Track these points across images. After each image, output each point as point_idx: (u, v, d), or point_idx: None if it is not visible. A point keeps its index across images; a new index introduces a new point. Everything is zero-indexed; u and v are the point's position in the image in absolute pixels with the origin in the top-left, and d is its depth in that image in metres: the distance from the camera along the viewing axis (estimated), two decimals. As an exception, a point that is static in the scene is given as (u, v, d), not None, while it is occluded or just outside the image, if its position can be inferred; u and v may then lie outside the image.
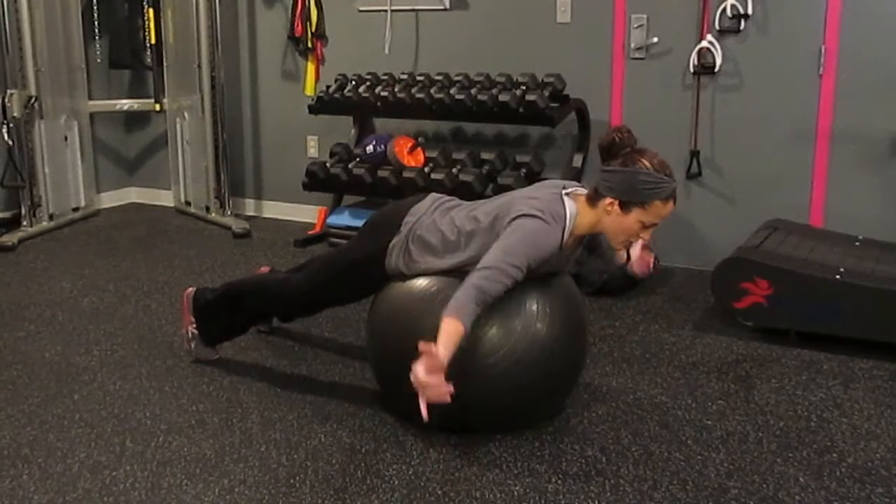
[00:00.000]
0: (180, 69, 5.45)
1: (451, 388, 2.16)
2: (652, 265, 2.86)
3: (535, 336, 2.48)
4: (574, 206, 2.47)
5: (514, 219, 2.43)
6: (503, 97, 4.27)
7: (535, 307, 2.50)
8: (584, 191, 2.53)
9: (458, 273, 2.53)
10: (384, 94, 4.59)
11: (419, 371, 2.16)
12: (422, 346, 2.18)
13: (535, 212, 2.41)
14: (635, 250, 2.83)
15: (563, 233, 2.43)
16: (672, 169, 2.44)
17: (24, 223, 5.06)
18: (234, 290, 3.05)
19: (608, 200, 2.42)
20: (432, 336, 2.47)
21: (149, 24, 5.43)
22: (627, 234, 2.47)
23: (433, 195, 2.77)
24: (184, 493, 2.29)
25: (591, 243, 3.21)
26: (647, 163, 2.39)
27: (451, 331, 2.25)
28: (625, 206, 2.41)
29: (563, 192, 2.49)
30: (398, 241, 2.64)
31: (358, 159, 4.71)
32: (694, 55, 4.22)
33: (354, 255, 2.78)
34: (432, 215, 2.64)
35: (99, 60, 5.59)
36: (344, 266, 2.80)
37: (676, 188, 2.44)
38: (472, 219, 2.56)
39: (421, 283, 2.57)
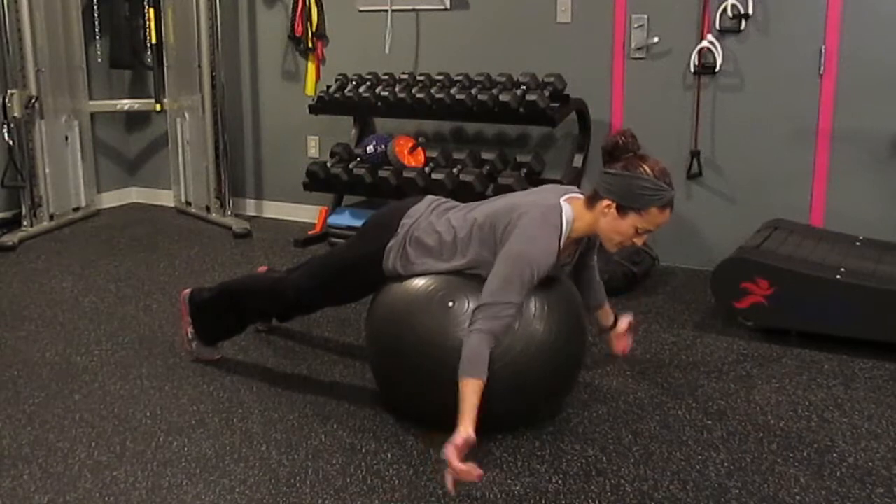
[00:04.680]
0: (181, 69, 5.45)
1: (480, 472, 2.14)
2: (629, 346, 3.06)
3: (533, 335, 2.48)
4: (571, 212, 2.47)
5: (512, 236, 2.41)
6: (504, 97, 4.27)
7: (532, 307, 2.49)
8: (580, 196, 2.54)
9: (458, 273, 2.54)
10: (385, 94, 4.59)
11: (453, 458, 2.14)
12: (452, 448, 2.15)
13: (532, 230, 2.40)
14: (622, 325, 3.00)
15: (559, 241, 2.44)
16: (672, 178, 2.45)
17: (25, 223, 5.06)
18: (230, 290, 3.05)
19: (606, 202, 2.43)
20: (431, 337, 2.47)
21: (149, 24, 5.43)
22: (621, 238, 2.47)
23: (429, 197, 2.78)
24: (184, 493, 2.29)
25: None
26: (648, 169, 2.40)
27: (473, 391, 2.25)
28: (622, 209, 2.42)
29: (563, 197, 2.50)
30: (395, 243, 2.64)
31: (358, 159, 4.71)
32: (694, 55, 4.22)
33: (352, 257, 2.78)
34: (429, 217, 2.64)
35: (99, 60, 5.59)
36: (341, 267, 2.81)
37: (674, 197, 2.45)
38: (469, 221, 2.56)
39: (419, 283, 2.56)
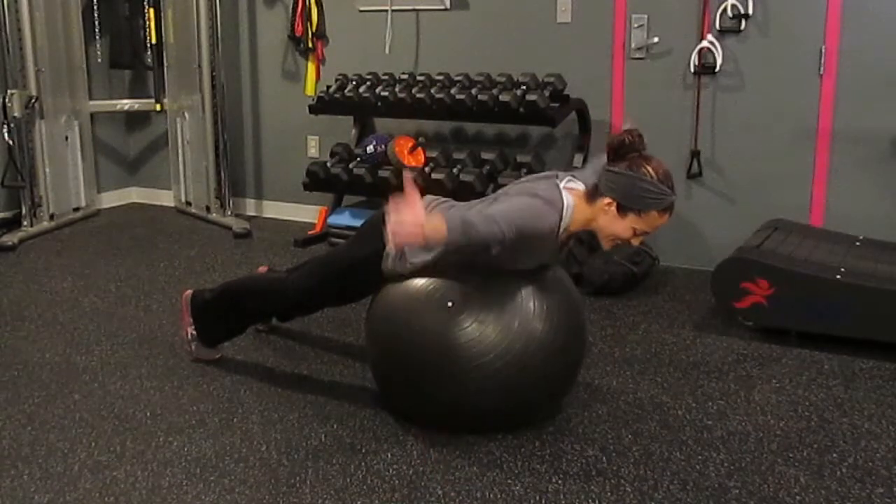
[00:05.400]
0: (181, 69, 5.45)
1: (422, 228, 2.18)
2: None
3: (533, 335, 2.48)
4: (571, 200, 2.47)
5: (516, 190, 2.47)
6: (504, 97, 4.27)
7: (532, 306, 2.50)
8: (578, 186, 2.53)
9: (457, 273, 2.53)
10: (385, 94, 4.59)
11: (398, 212, 2.19)
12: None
13: (536, 193, 2.44)
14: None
15: (559, 219, 2.44)
16: (672, 179, 2.44)
17: (25, 223, 5.06)
18: (231, 291, 3.05)
19: (606, 200, 2.42)
20: (431, 337, 2.48)
21: (149, 24, 5.43)
22: (618, 236, 2.47)
23: (429, 197, 2.77)
24: (184, 493, 2.29)
25: (592, 242, 3.21)
26: (651, 171, 2.39)
27: (438, 224, 2.27)
28: (622, 209, 2.42)
29: (560, 184, 2.50)
30: (395, 242, 2.64)
31: (358, 159, 4.71)
32: (694, 55, 4.22)
33: (352, 257, 2.78)
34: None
35: (99, 60, 5.59)
36: (342, 267, 2.81)
37: (675, 201, 2.44)
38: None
39: (419, 283, 2.56)
